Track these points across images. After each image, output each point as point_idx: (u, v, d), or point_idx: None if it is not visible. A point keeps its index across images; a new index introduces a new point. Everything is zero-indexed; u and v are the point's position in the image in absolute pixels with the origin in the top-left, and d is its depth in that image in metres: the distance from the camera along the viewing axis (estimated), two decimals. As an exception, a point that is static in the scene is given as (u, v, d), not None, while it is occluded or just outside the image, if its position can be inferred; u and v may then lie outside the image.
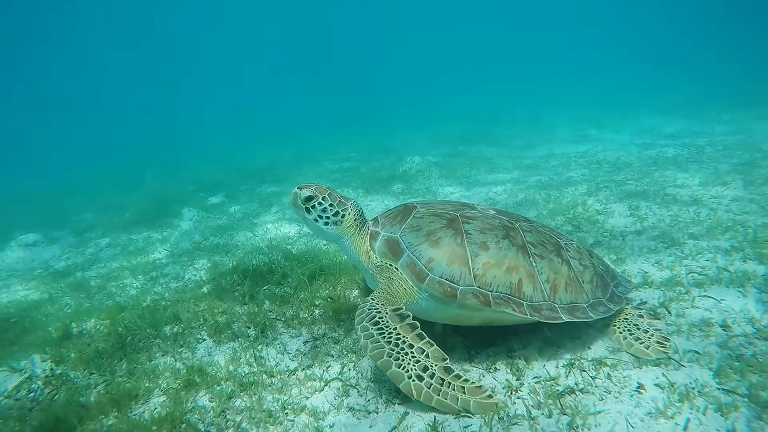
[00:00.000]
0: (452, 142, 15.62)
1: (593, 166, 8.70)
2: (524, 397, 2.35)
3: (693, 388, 2.24)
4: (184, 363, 3.04)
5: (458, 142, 15.47)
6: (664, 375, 2.34)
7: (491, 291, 2.52)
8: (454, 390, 2.20)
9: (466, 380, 2.22)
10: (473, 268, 2.56)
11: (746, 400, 2.13)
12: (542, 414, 2.19)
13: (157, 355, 3.21)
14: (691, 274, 3.51)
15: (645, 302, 3.16)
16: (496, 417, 2.18)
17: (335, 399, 2.52)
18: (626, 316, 2.76)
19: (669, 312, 2.99)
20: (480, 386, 2.22)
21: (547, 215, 5.60)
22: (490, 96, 30.98)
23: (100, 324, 3.79)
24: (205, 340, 3.34)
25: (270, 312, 3.64)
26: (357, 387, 2.61)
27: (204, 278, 4.70)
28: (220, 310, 3.73)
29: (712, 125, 11.98)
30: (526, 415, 2.20)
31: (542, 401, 2.26)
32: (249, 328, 3.45)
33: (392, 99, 36.99)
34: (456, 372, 2.26)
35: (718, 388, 2.23)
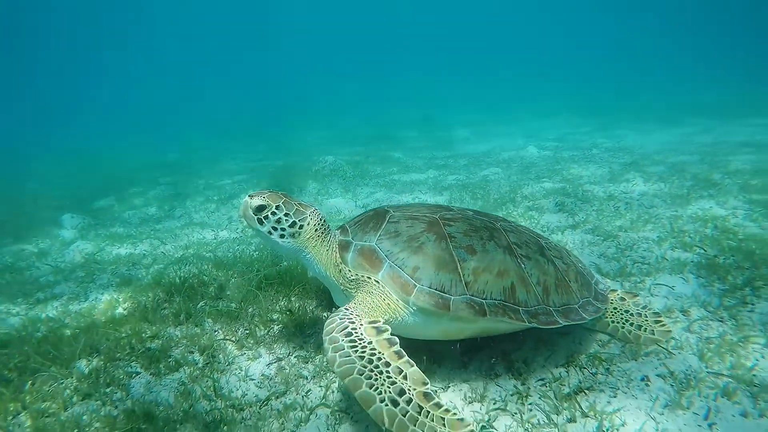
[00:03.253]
0: (352, 143, 15.59)
1: (503, 165, 9.18)
2: (537, 402, 2.23)
3: (690, 375, 2.32)
4: (118, 407, 2.41)
5: (358, 142, 15.48)
6: (663, 365, 2.40)
7: (485, 299, 2.32)
8: (432, 420, 1.86)
9: (447, 410, 1.90)
10: (463, 275, 2.34)
11: (732, 379, 2.25)
12: (565, 419, 2.09)
13: (75, 400, 2.51)
14: (636, 264, 3.75)
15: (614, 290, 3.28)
16: (521, 429, 2.03)
17: (328, 430, 2.18)
18: (614, 305, 2.80)
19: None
20: (461, 419, 1.88)
21: (480, 212, 5.69)
22: (377, 98, 31.75)
23: (-24, 368, 2.88)
24: (139, 373, 2.71)
25: (216, 332, 3.10)
26: (349, 412, 2.28)
27: (117, 297, 3.89)
28: (150, 334, 3.08)
29: (592, 132, 13.48)
30: (546, 421, 2.08)
31: (557, 405, 2.17)
32: (193, 353, 2.89)
33: (280, 99, 36.04)
34: (436, 399, 1.93)
35: (708, 372, 2.34)
